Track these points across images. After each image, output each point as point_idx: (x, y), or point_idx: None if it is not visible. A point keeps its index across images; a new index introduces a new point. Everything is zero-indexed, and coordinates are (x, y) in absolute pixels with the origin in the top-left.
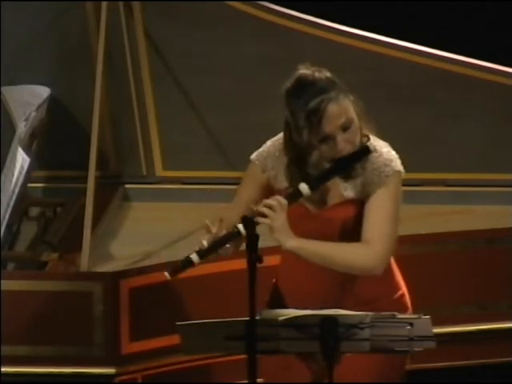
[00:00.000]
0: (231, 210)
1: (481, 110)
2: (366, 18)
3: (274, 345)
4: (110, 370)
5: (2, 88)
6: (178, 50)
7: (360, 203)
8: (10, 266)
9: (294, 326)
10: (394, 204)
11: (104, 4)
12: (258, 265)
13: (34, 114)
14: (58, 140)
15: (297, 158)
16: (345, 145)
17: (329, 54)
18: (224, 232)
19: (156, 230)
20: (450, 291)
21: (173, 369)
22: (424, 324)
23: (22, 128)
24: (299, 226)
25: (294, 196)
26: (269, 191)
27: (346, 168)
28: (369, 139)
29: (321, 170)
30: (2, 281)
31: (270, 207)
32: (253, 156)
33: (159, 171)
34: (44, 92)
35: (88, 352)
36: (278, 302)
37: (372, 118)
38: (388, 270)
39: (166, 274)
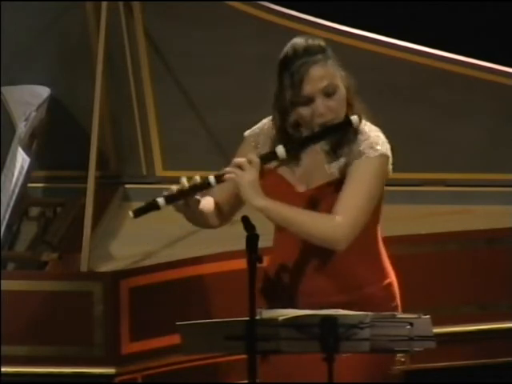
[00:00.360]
0: (219, 192)
1: (481, 110)
2: (366, 18)
3: (274, 345)
4: (110, 370)
5: (2, 88)
6: (178, 50)
7: None
8: (10, 266)
9: (294, 326)
10: (371, 183)
11: (104, 4)
12: (258, 265)
13: (34, 114)
14: (58, 140)
15: (281, 126)
16: (325, 111)
17: None
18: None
19: (156, 230)
20: (450, 291)
21: (173, 369)
22: (424, 324)
23: (21, 128)
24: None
25: (268, 157)
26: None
27: (326, 137)
28: (360, 118)
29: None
30: (2, 281)
31: (239, 166)
32: (246, 133)
33: (159, 171)
34: (44, 92)
35: (88, 352)
36: (270, 288)
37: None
38: (376, 257)
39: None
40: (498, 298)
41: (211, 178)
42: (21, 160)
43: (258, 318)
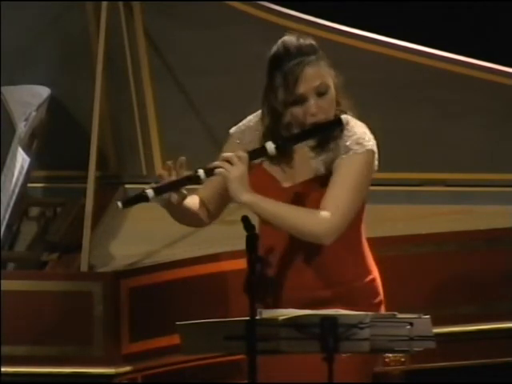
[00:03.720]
0: (205, 189)
1: (481, 109)
2: (366, 18)
3: (273, 345)
4: (110, 370)
5: (2, 88)
6: (178, 50)
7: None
8: (10, 266)
9: (294, 326)
10: (359, 179)
11: (104, 4)
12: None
13: (33, 114)
14: (58, 140)
15: (272, 125)
16: (317, 110)
17: (329, 54)
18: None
19: (156, 230)
20: (450, 291)
21: (173, 369)
22: (424, 324)
23: (21, 128)
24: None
25: (257, 152)
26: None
27: (316, 135)
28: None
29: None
30: (2, 281)
31: (228, 160)
32: (232, 130)
33: (159, 171)
34: (44, 92)
35: (88, 352)
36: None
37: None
38: (360, 254)
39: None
40: (497, 298)
41: (200, 172)
42: (21, 160)
43: (257, 317)
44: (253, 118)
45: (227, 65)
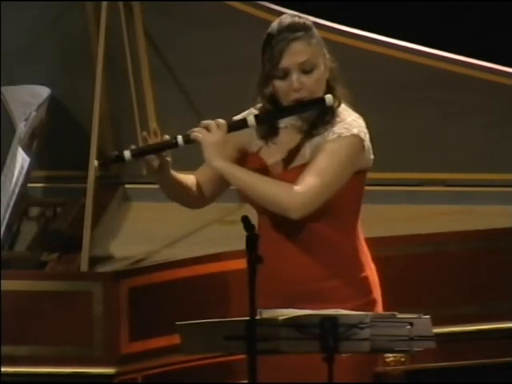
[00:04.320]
0: (201, 171)
1: (481, 110)
2: (366, 18)
3: (273, 345)
4: (110, 370)
5: (2, 88)
6: (178, 50)
7: None
8: (10, 266)
9: (294, 326)
10: (337, 162)
11: (104, 4)
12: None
13: (34, 113)
14: (58, 140)
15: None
16: (300, 86)
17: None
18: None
19: (156, 230)
20: (450, 291)
21: (173, 369)
22: (424, 324)
23: (21, 128)
24: None
25: (238, 123)
26: (241, 155)
27: (298, 112)
28: (339, 103)
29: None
30: (2, 281)
31: (206, 127)
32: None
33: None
34: (44, 92)
35: (88, 352)
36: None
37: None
38: (352, 252)
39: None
40: (497, 298)
41: (179, 138)
42: (21, 160)
43: (257, 317)
44: (253, 110)
45: (227, 65)
